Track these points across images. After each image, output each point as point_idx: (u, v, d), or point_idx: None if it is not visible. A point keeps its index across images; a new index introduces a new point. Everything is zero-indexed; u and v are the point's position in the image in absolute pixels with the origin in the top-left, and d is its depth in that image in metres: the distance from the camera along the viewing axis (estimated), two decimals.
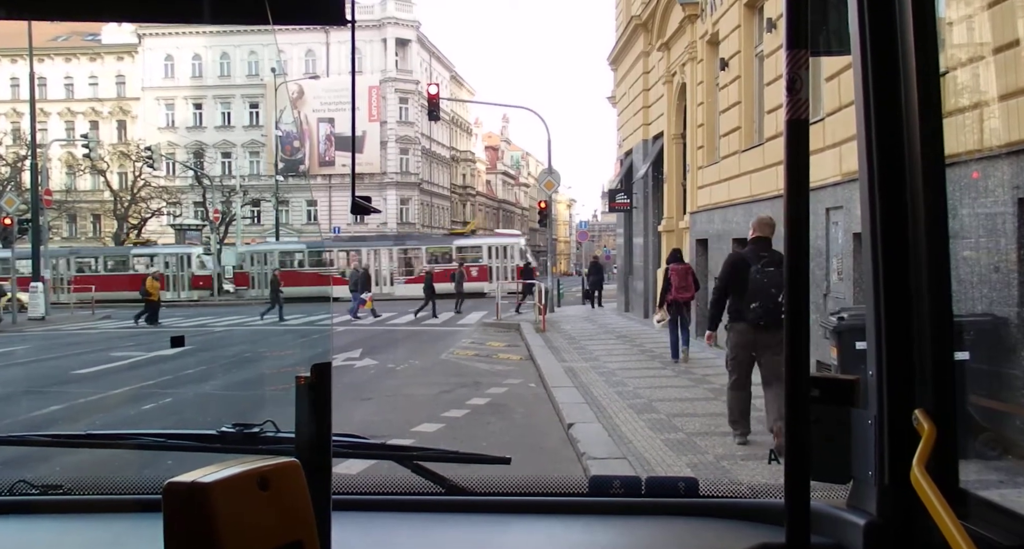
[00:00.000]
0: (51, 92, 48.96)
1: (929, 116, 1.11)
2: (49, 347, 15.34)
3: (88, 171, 42.87)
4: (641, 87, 18.18)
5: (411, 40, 50.94)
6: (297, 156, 48.77)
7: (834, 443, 1.15)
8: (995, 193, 4.03)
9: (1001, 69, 3.37)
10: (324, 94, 46.55)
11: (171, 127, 49.36)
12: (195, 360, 12.01)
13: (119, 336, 17.62)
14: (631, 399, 7.97)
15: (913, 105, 1.11)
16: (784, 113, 1.02)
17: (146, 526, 1.10)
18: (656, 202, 17.55)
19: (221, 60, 50.12)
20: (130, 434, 1.58)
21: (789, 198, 1.01)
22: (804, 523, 1.02)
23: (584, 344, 13.41)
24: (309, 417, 1.14)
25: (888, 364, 1.13)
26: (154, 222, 42.91)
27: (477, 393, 8.96)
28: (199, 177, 41.33)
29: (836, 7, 1.19)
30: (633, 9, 18.20)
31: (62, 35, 48.73)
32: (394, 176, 49.93)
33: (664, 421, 6.89)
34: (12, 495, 1.52)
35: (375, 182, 48.70)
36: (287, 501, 0.98)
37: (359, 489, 1.56)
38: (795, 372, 1.02)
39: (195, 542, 0.89)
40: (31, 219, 21.77)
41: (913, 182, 1.11)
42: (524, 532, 1.43)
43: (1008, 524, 1.03)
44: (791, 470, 1.02)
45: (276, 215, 38.43)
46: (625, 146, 20.75)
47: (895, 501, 1.11)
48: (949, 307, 1.12)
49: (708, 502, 1.45)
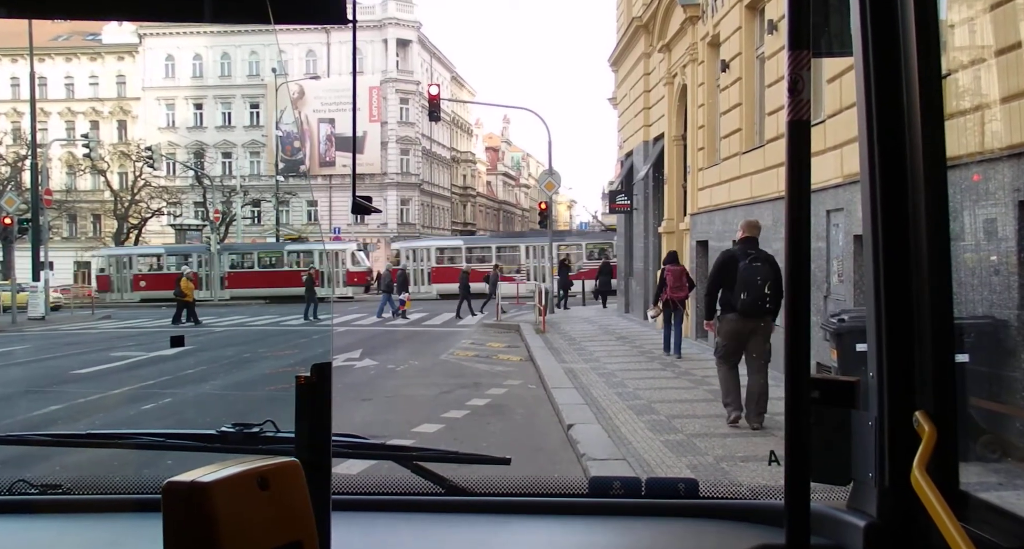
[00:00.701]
0: (51, 92, 48.96)
1: (931, 118, 1.10)
2: (48, 347, 15.34)
3: (88, 171, 42.89)
4: (642, 88, 18.19)
5: (412, 41, 50.97)
6: (297, 156, 48.78)
7: (834, 445, 1.15)
8: (996, 195, 4.05)
9: (1003, 71, 3.34)
10: (325, 94, 46.58)
11: (171, 127, 49.36)
12: (194, 360, 12.01)
13: (118, 336, 17.62)
14: (631, 400, 7.97)
15: (915, 107, 1.10)
16: (786, 114, 1.01)
17: (145, 526, 1.10)
18: (656, 203, 17.55)
19: (222, 60, 50.14)
20: (129, 434, 1.57)
21: (790, 199, 1.01)
22: (804, 524, 1.02)
23: (584, 345, 13.41)
24: (309, 417, 1.14)
25: (888, 366, 1.13)
26: (154, 222, 42.92)
27: (477, 394, 8.96)
28: (199, 177, 41.34)
29: (838, 8, 1.18)
30: (634, 10, 18.21)
31: (63, 35, 48.76)
32: (395, 177, 49.93)
33: (664, 422, 6.88)
34: (11, 494, 1.52)
35: (375, 183, 48.70)
36: (287, 501, 0.98)
37: (359, 489, 1.56)
38: (795, 374, 1.02)
39: (194, 542, 0.89)
40: (31, 219, 21.78)
41: (915, 184, 1.11)
42: (524, 532, 1.43)
43: (1008, 526, 1.03)
44: (791, 471, 1.02)
45: (276, 215, 38.46)
46: (626, 147, 20.76)
47: (895, 503, 1.11)
48: (950, 309, 1.12)
49: (708, 503, 1.44)
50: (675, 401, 7.88)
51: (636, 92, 18.88)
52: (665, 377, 9.62)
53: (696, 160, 14.15)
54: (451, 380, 10.21)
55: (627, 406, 7.66)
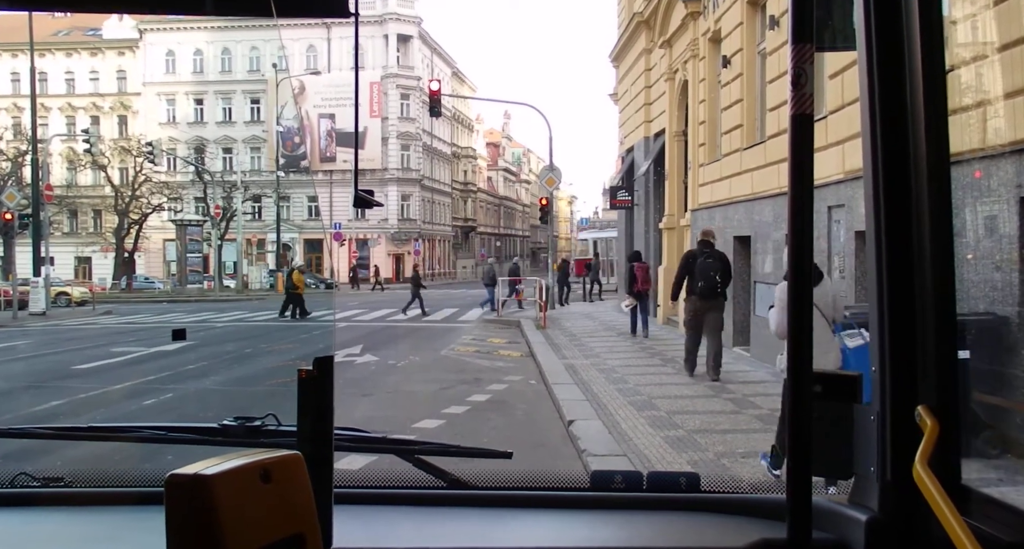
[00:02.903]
0: (52, 87, 48.87)
1: (934, 113, 1.10)
2: (50, 342, 15.35)
3: (89, 166, 42.85)
4: (643, 84, 18.15)
5: (412, 36, 50.86)
6: (298, 152, 48.72)
7: (836, 439, 1.15)
8: (998, 192, 4.05)
9: (1007, 67, 3.37)
10: (325, 90, 46.46)
11: (172, 122, 49.29)
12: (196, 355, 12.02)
13: (119, 332, 17.63)
14: (631, 396, 7.98)
15: (918, 102, 1.10)
16: (789, 108, 1.01)
17: (148, 518, 1.11)
18: (657, 199, 17.53)
19: (222, 55, 50.05)
20: (132, 427, 1.57)
21: (793, 192, 1.01)
22: (806, 519, 1.02)
23: (584, 341, 13.42)
24: (311, 410, 1.14)
25: (891, 360, 1.13)
26: (155, 217, 42.89)
27: (478, 390, 8.96)
28: (200, 173, 41.31)
29: (842, 3, 1.18)
30: (635, 6, 18.17)
31: (63, 30, 48.66)
32: (395, 172, 49.87)
33: (664, 418, 6.89)
34: (14, 487, 1.52)
35: (376, 178, 48.63)
36: (289, 494, 0.98)
37: (361, 482, 1.56)
38: (798, 368, 1.02)
39: (197, 534, 0.89)
40: (32, 214, 21.75)
41: (918, 179, 1.11)
42: (525, 526, 1.43)
43: (1010, 520, 1.02)
44: (793, 466, 1.02)
45: (277, 211, 38.41)
46: (627, 143, 20.73)
47: (897, 497, 1.11)
48: (952, 304, 1.12)
49: (710, 497, 1.44)
50: (675, 397, 7.88)
51: (637, 88, 18.85)
52: (666, 373, 9.62)
53: (697, 156, 14.13)
54: (452, 376, 10.21)
55: (628, 402, 7.66)
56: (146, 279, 41.24)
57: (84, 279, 41.12)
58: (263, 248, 44.58)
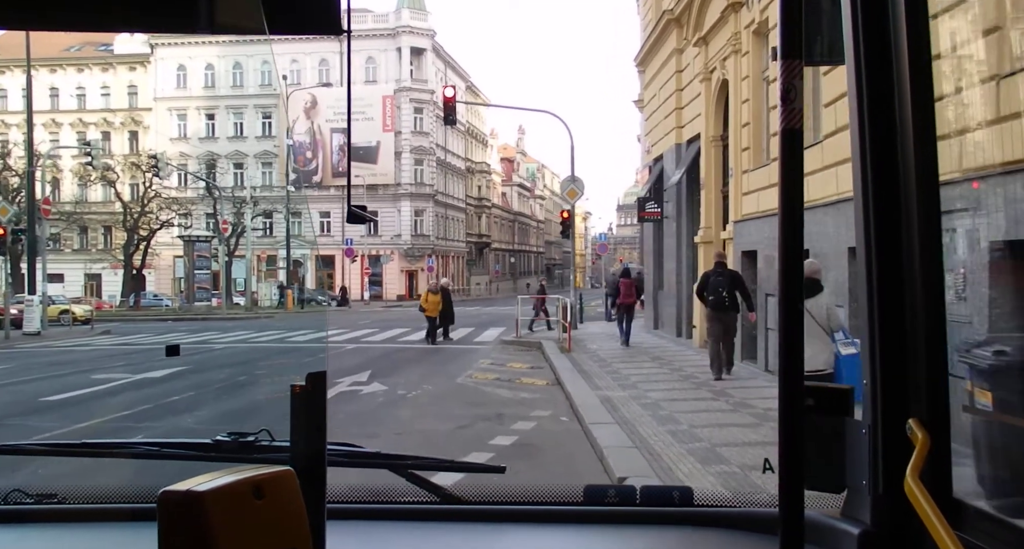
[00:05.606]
0: (63, 102, 48.53)
1: (923, 128, 1.11)
2: (29, 367, 14.12)
3: (98, 182, 42.33)
4: (674, 87, 16.88)
5: (426, 49, 50.09)
6: (310, 167, 47.92)
7: (828, 452, 1.14)
8: (988, 208, 3.63)
9: (996, 84, 3.16)
10: (338, 104, 45.67)
11: (183, 138, 48.70)
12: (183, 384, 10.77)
13: (110, 354, 16.42)
14: (688, 442, 6.60)
15: (907, 114, 1.11)
16: (779, 122, 1.02)
17: (141, 535, 1.10)
18: (691, 211, 16.19)
19: (234, 70, 49.51)
20: (125, 443, 1.62)
21: (783, 207, 1.01)
22: (798, 532, 0.99)
23: (617, 367, 12.05)
24: (304, 426, 1.16)
25: (882, 374, 1.13)
26: (165, 234, 42.18)
27: (501, 429, 7.65)
28: (209, 188, 40.54)
29: (831, 18, 1.20)
30: (664, 3, 16.96)
31: (74, 45, 48.31)
32: (408, 187, 48.94)
33: (739, 475, 5.51)
34: (7, 504, 1.55)
35: (389, 193, 47.72)
36: (282, 510, 1.00)
37: (354, 498, 1.60)
38: (790, 382, 1.00)
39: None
40: (27, 229, 20.75)
41: (907, 194, 1.12)
42: (519, 541, 1.47)
43: (1001, 534, 1.03)
44: (785, 479, 1.00)
45: (287, 226, 37.44)
46: (654, 152, 19.42)
47: (889, 510, 1.11)
48: (942, 318, 1.11)
49: (702, 511, 1.47)
50: (743, 444, 6.50)
51: (667, 92, 17.57)
52: (722, 410, 8.22)
53: (739, 162, 12.79)
54: (470, 410, 8.91)
55: (686, 451, 6.28)
56: (155, 296, 40.63)
57: (93, 296, 40.42)
58: (273, 264, 43.77)
